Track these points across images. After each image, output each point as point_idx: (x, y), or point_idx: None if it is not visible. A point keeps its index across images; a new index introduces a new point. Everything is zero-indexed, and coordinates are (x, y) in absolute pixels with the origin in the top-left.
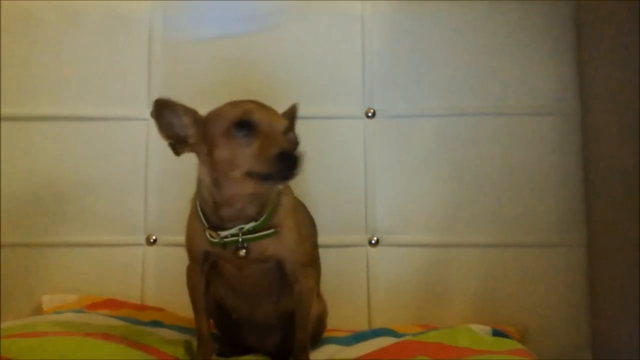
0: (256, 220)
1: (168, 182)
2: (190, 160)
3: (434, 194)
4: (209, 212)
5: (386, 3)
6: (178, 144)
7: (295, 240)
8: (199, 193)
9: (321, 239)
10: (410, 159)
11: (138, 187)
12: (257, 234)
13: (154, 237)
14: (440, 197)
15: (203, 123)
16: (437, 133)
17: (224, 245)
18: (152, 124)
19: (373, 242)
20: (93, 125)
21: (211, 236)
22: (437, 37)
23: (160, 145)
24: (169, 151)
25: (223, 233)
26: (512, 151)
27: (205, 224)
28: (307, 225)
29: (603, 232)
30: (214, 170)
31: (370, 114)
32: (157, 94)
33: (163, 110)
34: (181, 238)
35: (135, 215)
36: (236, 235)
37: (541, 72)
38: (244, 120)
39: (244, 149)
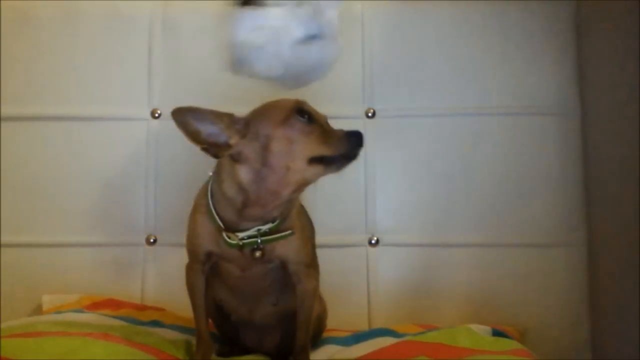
0: (273, 222)
1: (168, 182)
2: (189, 160)
3: (434, 194)
4: (227, 212)
5: (386, 3)
6: (215, 148)
7: (300, 241)
8: (216, 193)
9: (321, 239)
10: (410, 159)
11: (138, 187)
12: (274, 236)
13: (154, 237)
14: (440, 196)
15: (246, 122)
16: (437, 133)
17: (241, 247)
18: (152, 124)
19: (373, 242)
20: (93, 125)
21: (229, 237)
22: (437, 37)
23: (160, 145)
24: (168, 151)
25: (241, 234)
26: (512, 151)
27: (222, 225)
28: (309, 226)
29: (603, 232)
30: (265, 166)
31: (370, 114)
32: (157, 94)
33: (186, 118)
34: (181, 238)
35: (135, 215)
36: (254, 236)
37: (541, 72)
38: (302, 109)
39: (307, 136)
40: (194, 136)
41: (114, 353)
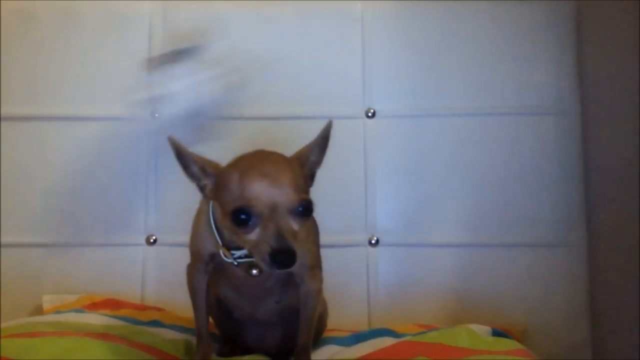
0: None
1: (168, 182)
2: None
3: (434, 194)
4: (224, 233)
5: (386, 3)
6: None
7: (305, 246)
8: (215, 212)
9: (321, 239)
10: (410, 159)
11: (138, 187)
12: None
13: (154, 237)
14: (439, 196)
15: (216, 178)
16: (437, 133)
17: (237, 265)
18: (152, 124)
19: (373, 242)
20: (93, 125)
21: (225, 255)
22: (437, 37)
23: (160, 145)
24: (168, 151)
25: (237, 253)
26: (512, 151)
27: (220, 242)
28: (314, 229)
29: (603, 232)
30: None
31: (370, 114)
32: (157, 94)
33: (179, 147)
34: (181, 238)
35: (135, 215)
36: (250, 255)
37: (541, 72)
38: (244, 209)
39: (242, 235)
40: (184, 166)
41: (114, 353)
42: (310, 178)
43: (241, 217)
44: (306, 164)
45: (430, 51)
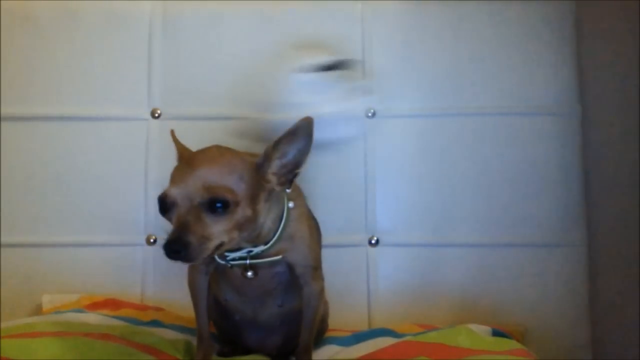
0: (266, 244)
1: (168, 182)
2: None
3: (434, 194)
4: None
5: (386, 3)
6: None
7: (308, 246)
8: None
9: (321, 238)
10: (410, 159)
11: (138, 187)
12: (262, 260)
13: (154, 237)
14: (440, 196)
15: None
16: (436, 133)
17: (231, 267)
18: (152, 124)
19: (373, 242)
20: (93, 125)
21: (218, 257)
22: (437, 37)
23: (160, 145)
24: (168, 151)
25: (230, 255)
26: (512, 151)
27: None
28: (316, 229)
29: (603, 232)
30: None
31: (370, 114)
32: (157, 94)
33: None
34: None
35: (135, 215)
36: (244, 258)
37: (541, 72)
38: (161, 198)
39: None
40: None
41: (114, 353)
42: (286, 179)
43: (160, 205)
44: (268, 162)
45: (430, 51)
